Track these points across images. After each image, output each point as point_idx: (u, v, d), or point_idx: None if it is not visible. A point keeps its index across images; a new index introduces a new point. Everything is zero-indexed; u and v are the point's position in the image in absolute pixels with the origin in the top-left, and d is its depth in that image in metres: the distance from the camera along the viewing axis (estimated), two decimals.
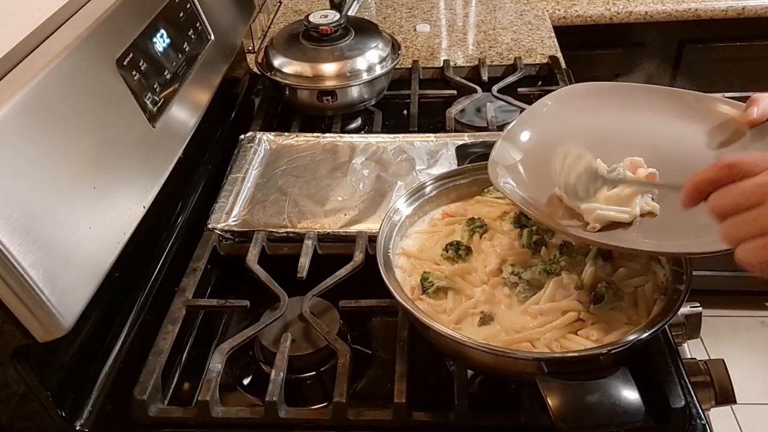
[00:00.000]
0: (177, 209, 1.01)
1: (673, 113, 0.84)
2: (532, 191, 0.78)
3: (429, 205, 0.87)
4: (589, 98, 0.88)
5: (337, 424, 0.72)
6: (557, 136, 0.81)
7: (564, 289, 0.74)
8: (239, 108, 1.31)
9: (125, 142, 0.80)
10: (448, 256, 0.80)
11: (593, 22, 1.69)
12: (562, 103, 0.89)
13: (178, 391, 0.81)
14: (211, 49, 1.08)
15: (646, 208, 0.73)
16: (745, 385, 0.57)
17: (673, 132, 0.83)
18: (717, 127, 0.81)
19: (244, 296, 0.84)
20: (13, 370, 0.67)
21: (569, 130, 0.83)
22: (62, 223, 0.67)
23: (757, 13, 1.66)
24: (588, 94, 0.89)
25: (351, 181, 1.04)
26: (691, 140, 0.81)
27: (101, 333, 0.80)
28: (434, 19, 1.69)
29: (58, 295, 0.64)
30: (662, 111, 0.85)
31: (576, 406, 0.60)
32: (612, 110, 0.86)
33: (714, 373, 0.75)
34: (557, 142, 0.76)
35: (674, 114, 0.84)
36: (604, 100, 0.88)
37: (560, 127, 0.85)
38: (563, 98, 0.90)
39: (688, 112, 0.83)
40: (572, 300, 0.72)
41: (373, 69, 1.21)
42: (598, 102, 0.88)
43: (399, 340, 0.77)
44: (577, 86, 0.92)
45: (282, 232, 0.95)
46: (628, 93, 0.88)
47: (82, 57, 0.75)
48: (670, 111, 0.85)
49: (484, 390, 0.79)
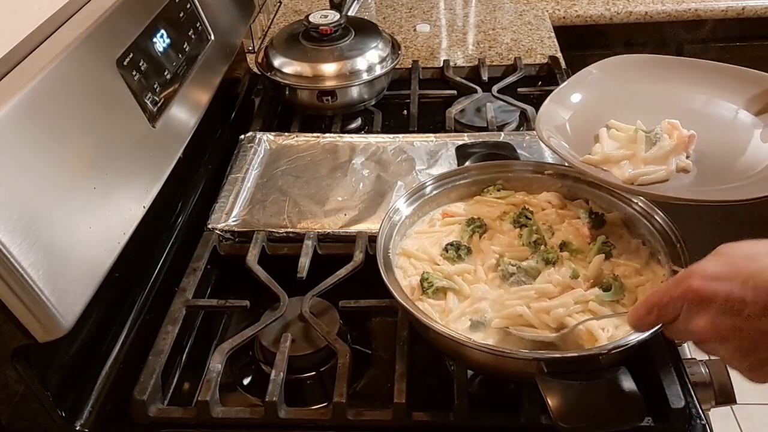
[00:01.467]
0: (177, 209, 1.01)
1: (713, 84, 0.89)
2: (578, 150, 0.83)
3: (429, 205, 0.87)
4: (631, 69, 0.93)
5: (337, 424, 0.72)
6: (604, 101, 0.87)
7: (560, 277, 0.74)
8: (239, 108, 1.31)
9: (125, 142, 0.80)
10: (448, 256, 0.80)
11: (593, 22, 1.69)
12: (606, 72, 0.93)
13: (178, 391, 0.81)
14: (211, 49, 1.08)
15: (681, 164, 0.79)
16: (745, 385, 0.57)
17: (712, 100, 0.88)
18: (755, 96, 0.85)
19: (244, 296, 0.84)
20: (13, 370, 0.67)
21: (614, 97, 0.89)
22: (62, 223, 0.67)
23: (757, 13, 1.66)
24: (630, 65, 0.94)
25: (351, 181, 1.04)
26: (728, 107, 0.86)
27: (101, 333, 0.80)
28: (434, 19, 1.69)
29: (58, 295, 0.64)
30: (701, 82, 0.90)
31: (576, 406, 0.60)
32: (653, 81, 0.92)
33: (714, 373, 0.75)
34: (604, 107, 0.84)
35: (713, 85, 0.89)
36: (645, 72, 0.93)
37: (605, 94, 0.90)
38: (608, 68, 0.94)
39: (728, 83, 0.88)
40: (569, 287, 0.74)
41: (373, 69, 1.21)
42: (640, 73, 0.93)
43: (399, 340, 0.77)
44: (619, 57, 0.96)
45: (282, 232, 0.95)
46: (667, 65, 0.94)
47: (82, 57, 0.75)
48: (709, 82, 0.89)
49: (484, 390, 0.79)
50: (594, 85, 0.92)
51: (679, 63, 0.94)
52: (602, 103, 0.87)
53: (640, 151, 0.79)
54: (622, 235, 0.82)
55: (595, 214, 0.83)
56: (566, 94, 0.91)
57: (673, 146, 0.79)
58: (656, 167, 0.78)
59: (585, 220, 0.82)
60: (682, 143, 0.79)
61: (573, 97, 0.91)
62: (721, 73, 0.89)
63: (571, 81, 0.94)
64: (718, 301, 0.52)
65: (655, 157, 0.79)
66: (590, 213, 0.83)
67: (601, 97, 0.90)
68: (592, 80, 0.93)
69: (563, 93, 0.91)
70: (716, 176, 0.77)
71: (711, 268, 0.54)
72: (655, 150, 0.79)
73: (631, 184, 0.77)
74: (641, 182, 0.77)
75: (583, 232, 0.80)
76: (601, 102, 0.88)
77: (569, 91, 0.92)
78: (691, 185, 0.77)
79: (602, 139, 0.83)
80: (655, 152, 0.79)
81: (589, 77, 0.93)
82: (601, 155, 0.81)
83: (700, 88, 0.89)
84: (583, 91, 0.91)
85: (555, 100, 0.90)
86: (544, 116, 0.87)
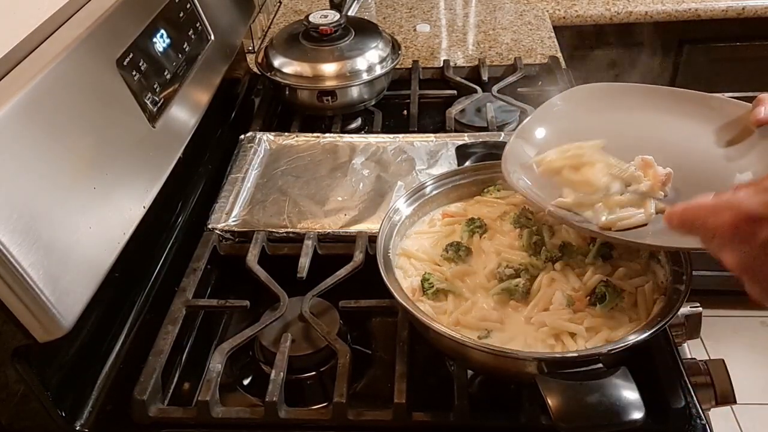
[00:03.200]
0: (177, 209, 1.01)
1: (681, 113, 0.85)
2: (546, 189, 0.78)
3: (429, 205, 0.87)
4: (597, 98, 0.89)
5: (337, 424, 0.72)
6: (570, 134, 0.82)
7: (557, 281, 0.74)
8: (239, 108, 1.31)
9: (125, 142, 0.80)
10: (448, 257, 0.80)
11: (593, 22, 1.68)
12: (571, 102, 0.89)
13: (178, 391, 0.81)
14: (211, 49, 1.08)
15: (659, 206, 0.74)
16: (745, 385, 0.57)
17: (682, 131, 0.84)
18: (725, 126, 0.82)
19: (244, 296, 0.84)
20: (13, 370, 0.67)
21: (581, 129, 0.84)
22: (62, 223, 0.67)
23: (757, 13, 1.66)
24: (596, 94, 0.90)
25: (351, 181, 1.04)
26: (700, 139, 0.82)
27: (101, 333, 0.80)
28: (434, 19, 1.69)
29: (58, 295, 0.63)
30: (670, 111, 0.86)
31: (576, 406, 0.60)
32: (620, 110, 0.87)
33: (714, 373, 0.75)
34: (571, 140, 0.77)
35: (682, 113, 0.85)
36: (611, 101, 0.89)
37: (572, 126, 0.86)
38: (572, 98, 0.90)
39: (696, 111, 0.85)
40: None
41: (373, 69, 1.21)
42: (606, 102, 0.89)
43: (399, 340, 0.77)
44: (584, 87, 0.92)
45: (282, 232, 0.95)
46: (634, 93, 0.89)
47: (82, 57, 0.75)
48: (678, 111, 0.86)
49: (484, 390, 0.78)
50: (559, 118, 0.87)
51: (645, 91, 0.90)
52: (569, 137, 0.80)
53: (614, 194, 0.74)
54: None
55: None
56: (531, 130, 0.86)
57: (649, 187, 0.74)
58: (634, 211, 0.73)
59: None
60: (659, 183, 0.75)
61: (537, 133, 0.86)
62: (690, 101, 0.86)
63: (535, 115, 0.89)
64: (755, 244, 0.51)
65: (630, 199, 0.74)
66: None
67: (567, 129, 0.85)
68: (557, 112, 0.88)
69: (527, 128, 0.87)
70: None
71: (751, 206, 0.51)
72: (630, 192, 0.74)
73: (608, 230, 0.72)
74: (619, 227, 0.72)
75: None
76: (567, 136, 0.82)
77: (533, 125, 0.87)
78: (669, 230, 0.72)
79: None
80: (631, 195, 0.74)
81: (554, 109, 0.89)
82: (573, 199, 0.75)
83: (670, 118, 0.85)
84: (548, 126, 0.87)
85: (520, 136, 0.85)
86: (510, 155, 0.82)
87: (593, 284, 0.73)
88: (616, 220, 0.72)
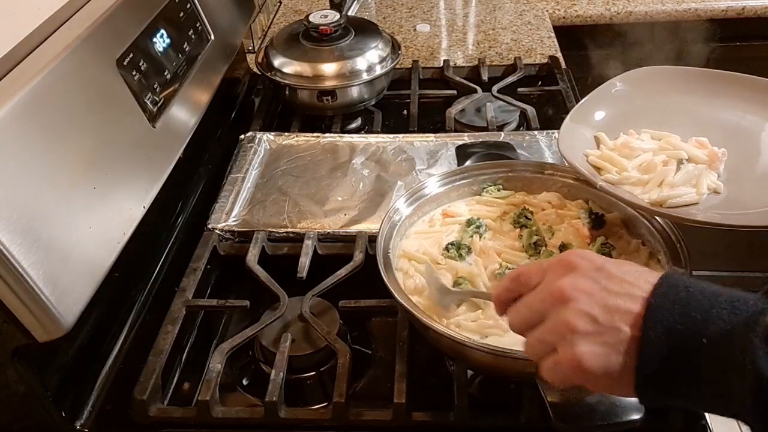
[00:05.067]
0: (177, 209, 1.01)
1: (737, 96, 0.86)
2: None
3: (429, 205, 0.87)
4: (656, 81, 0.91)
5: (337, 424, 0.72)
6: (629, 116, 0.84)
7: None
8: (239, 108, 1.31)
9: (125, 142, 0.80)
10: (449, 256, 0.80)
11: (593, 22, 1.68)
12: (631, 84, 0.91)
13: (178, 391, 0.81)
14: (211, 49, 1.08)
15: (711, 185, 0.76)
16: None
17: (741, 115, 0.85)
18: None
19: (244, 296, 0.84)
20: (13, 370, 0.67)
21: (639, 111, 0.86)
22: (62, 223, 0.67)
23: (757, 13, 1.66)
24: (654, 76, 0.91)
25: (351, 181, 1.04)
26: (757, 124, 0.83)
27: (101, 333, 0.80)
28: (434, 19, 1.69)
29: (58, 295, 0.64)
30: (725, 94, 0.87)
31: (576, 406, 0.60)
32: (678, 93, 0.89)
33: None
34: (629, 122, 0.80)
35: (737, 97, 0.86)
36: (670, 83, 0.90)
37: (629, 107, 0.87)
38: (632, 80, 0.91)
39: (751, 95, 0.86)
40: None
41: (373, 69, 1.21)
42: (665, 85, 0.90)
43: (399, 340, 0.77)
44: (643, 69, 0.93)
45: (282, 232, 0.95)
46: (692, 76, 0.91)
47: (82, 57, 0.75)
48: (733, 94, 0.87)
49: (484, 390, 0.78)
50: (617, 100, 0.89)
51: (706, 74, 0.91)
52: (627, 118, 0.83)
53: (669, 175, 0.76)
54: (621, 236, 0.82)
55: (595, 214, 0.83)
56: (590, 111, 0.88)
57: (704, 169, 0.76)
58: (686, 189, 0.75)
59: (585, 221, 0.82)
60: (713, 161, 0.77)
61: (599, 114, 0.88)
62: (749, 86, 0.87)
63: (594, 95, 0.91)
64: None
65: (684, 179, 0.76)
66: (590, 213, 0.83)
67: (627, 111, 0.87)
68: (616, 94, 0.90)
69: (587, 110, 0.88)
70: (747, 198, 0.74)
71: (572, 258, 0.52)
72: (683, 173, 0.76)
73: (659, 206, 0.74)
74: (670, 204, 0.74)
75: (583, 233, 0.81)
76: (626, 117, 0.85)
77: (593, 107, 0.89)
78: (720, 208, 0.74)
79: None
80: (685, 174, 0.76)
81: (612, 90, 0.91)
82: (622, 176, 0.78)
83: (729, 102, 0.86)
84: (607, 107, 0.88)
85: (576, 119, 0.87)
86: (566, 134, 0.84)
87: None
88: (667, 197, 0.73)
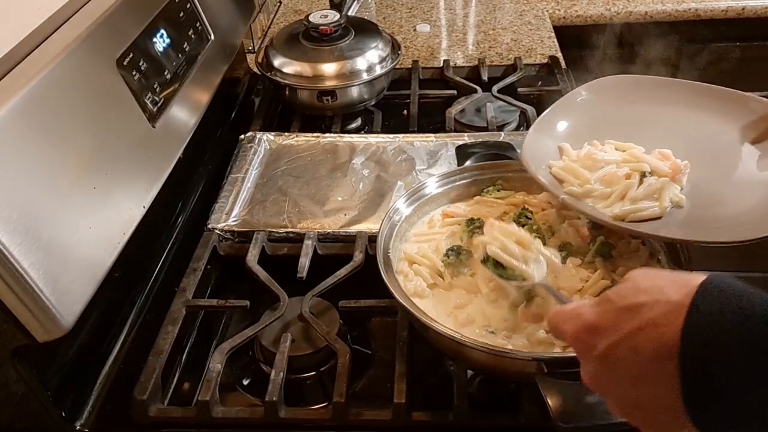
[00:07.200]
0: (177, 209, 1.01)
1: (705, 107, 0.85)
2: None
3: (429, 205, 0.87)
4: (622, 90, 0.90)
5: (337, 424, 0.72)
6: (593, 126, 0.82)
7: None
8: (239, 108, 1.31)
9: (125, 142, 0.80)
10: (449, 262, 0.79)
11: (593, 22, 1.68)
12: (596, 93, 0.90)
13: (178, 391, 0.81)
14: (211, 49, 1.08)
15: (674, 199, 0.75)
16: None
17: (706, 126, 0.84)
18: (751, 123, 0.82)
19: (244, 296, 0.84)
20: (13, 370, 0.67)
21: (604, 121, 0.84)
22: (62, 223, 0.67)
23: (757, 13, 1.66)
24: (622, 86, 0.90)
25: (351, 181, 1.04)
26: (723, 135, 0.82)
27: (101, 333, 0.80)
28: (434, 19, 1.69)
29: (58, 295, 0.63)
30: (694, 105, 0.86)
31: (576, 406, 0.60)
32: (645, 103, 0.88)
33: None
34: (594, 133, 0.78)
35: (706, 108, 0.85)
36: (637, 93, 0.89)
37: (595, 117, 0.86)
38: (597, 89, 0.91)
39: (721, 107, 0.85)
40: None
41: (373, 69, 1.21)
42: (632, 94, 0.89)
43: (399, 340, 0.77)
44: (610, 78, 0.93)
45: (282, 232, 0.95)
46: (660, 86, 0.90)
47: (82, 57, 0.75)
48: (702, 105, 0.86)
49: (484, 390, 0.78)
50: (583, 109, 0.88)
51: (673, 84, 0.90)
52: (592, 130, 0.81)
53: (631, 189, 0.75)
54: (621, 236, 0.81)
55: None
56: (553, 121, 0.86)
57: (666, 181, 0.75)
58: (649, 203, 0.74)
59: (585, 221, 0.82)
60: (676, 173, 0.75)
61: (561, 125, 0.86)
62: (717, 97, 0.86)
63: (559, 105, 0.89)
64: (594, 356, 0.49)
65: (647, 193, 0.74)
66: None
67: (591, 121, 0.85)
68: (582, 103, 0.89)
69: (547, 120, 0.87)
70: (710, 212, 0.73)
71: (589, 316, 0.50)
72: (645, 186, 0.75)
73: (621, 220, 0.73)
74: (632, 219, 0.73)
75: (583, 233, 0.80)
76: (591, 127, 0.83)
77: (554, 117, 0.87)
78: (683, 223, 0.73)
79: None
80: (646, 188, 0.74)
81: (578, 99, 0.89)
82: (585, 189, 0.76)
83: (696, 113, 0.85)
84: (571, 117, 0.87)
85: (539, 130, 0.86)
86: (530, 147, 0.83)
87: (597, 291, 0.73)
88: (629, 212, 0.72)
